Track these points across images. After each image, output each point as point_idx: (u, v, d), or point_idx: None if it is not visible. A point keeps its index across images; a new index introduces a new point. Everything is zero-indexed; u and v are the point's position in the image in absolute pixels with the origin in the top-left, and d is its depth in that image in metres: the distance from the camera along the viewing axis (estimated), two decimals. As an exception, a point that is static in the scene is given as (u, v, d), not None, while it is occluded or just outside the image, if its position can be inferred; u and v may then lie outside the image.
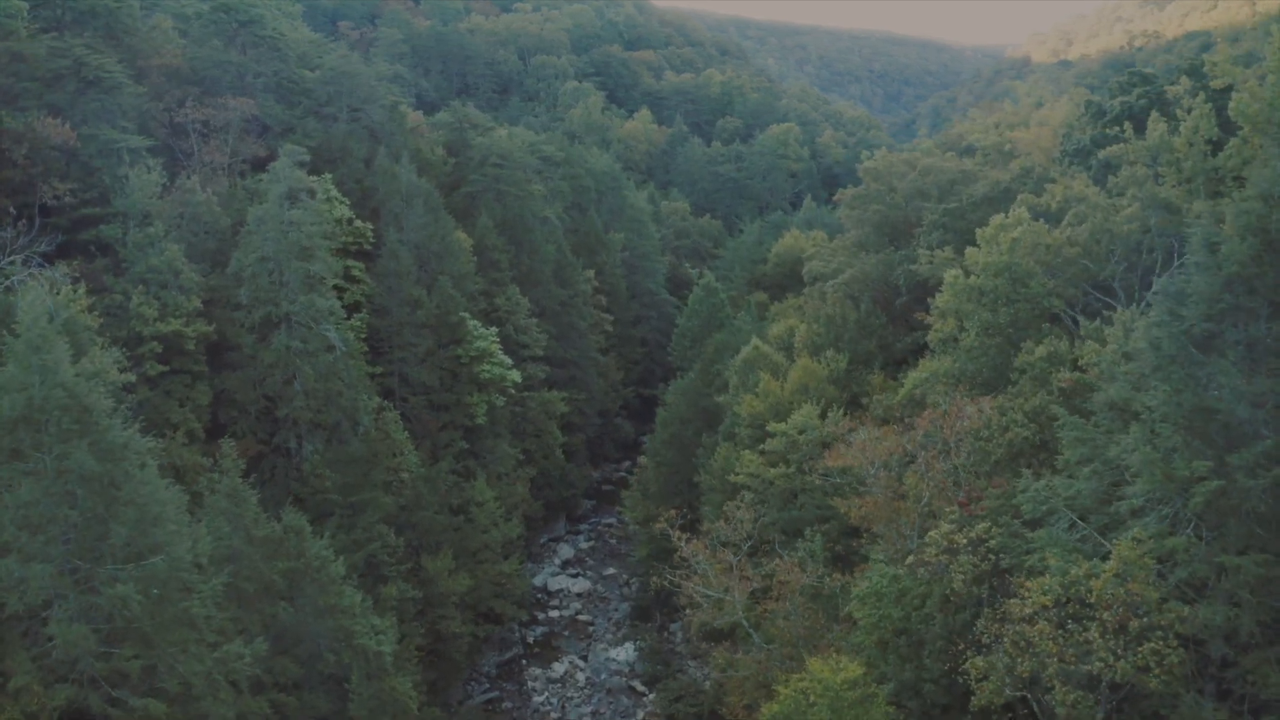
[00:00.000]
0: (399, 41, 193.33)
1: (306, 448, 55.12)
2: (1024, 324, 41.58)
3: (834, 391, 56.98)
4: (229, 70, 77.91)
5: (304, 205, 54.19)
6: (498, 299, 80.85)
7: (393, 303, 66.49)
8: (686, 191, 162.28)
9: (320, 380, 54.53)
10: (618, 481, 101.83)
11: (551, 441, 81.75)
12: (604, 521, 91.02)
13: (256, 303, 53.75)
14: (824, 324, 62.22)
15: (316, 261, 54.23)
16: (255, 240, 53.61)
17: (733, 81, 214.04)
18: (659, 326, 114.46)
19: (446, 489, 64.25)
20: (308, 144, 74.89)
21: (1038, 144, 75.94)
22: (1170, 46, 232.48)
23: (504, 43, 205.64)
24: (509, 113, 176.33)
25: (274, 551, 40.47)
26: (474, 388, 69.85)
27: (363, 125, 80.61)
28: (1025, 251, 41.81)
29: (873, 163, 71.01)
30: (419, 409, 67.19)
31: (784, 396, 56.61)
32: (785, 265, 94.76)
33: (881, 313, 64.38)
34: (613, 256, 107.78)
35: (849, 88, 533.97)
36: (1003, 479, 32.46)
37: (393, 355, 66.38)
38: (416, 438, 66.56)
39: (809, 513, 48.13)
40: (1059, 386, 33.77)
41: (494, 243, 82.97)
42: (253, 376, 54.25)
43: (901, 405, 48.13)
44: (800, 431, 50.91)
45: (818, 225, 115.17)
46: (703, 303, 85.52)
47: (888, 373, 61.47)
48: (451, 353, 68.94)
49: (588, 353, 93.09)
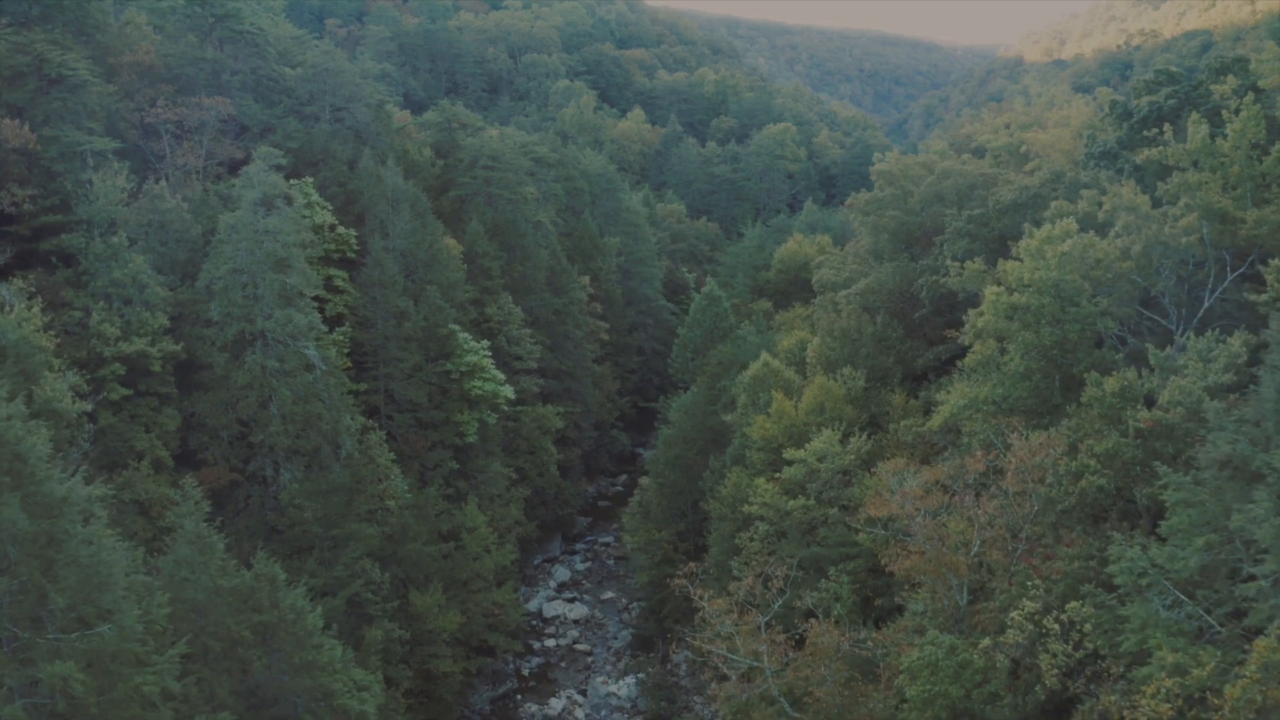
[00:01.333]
0: (387, 39, 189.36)
1: (284, 475, 50.94)
2: (1072, 346, 37.74)
3: (852, 412, 53.08)
4: (204, 68, 73.54)
5: (280, 212, 50.02)
6: (489, 309, 76.74)
7: (378, 315, 62.34)
8: (681, 193, 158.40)
9: (298, 402, 50.35)
10: (614, 497, 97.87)
11: (546, 459, 77.67)
12: (601, 540, 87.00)
13: (228, 319, 49.55)
14: (839, 338, 58.29)
15: (293, 273, 50.06)
16: (227, 251, 49.41)
17: (727, 80, 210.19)
18: (656, 334, 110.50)
19: (435, 514, 60.19)
20: (288, 145, 70.75)
21: (1057, 145, 72.21)
22: (1169, 45, 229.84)
23: (494, 41, 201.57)
24: (499, 112, 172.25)
25: (244, 603, 36.32)
26: (464, 405, 65.74)
27: (346, 126, 76.35)
28: (1074, 266, 37.98)
29: (885, 165, 67.10)
30: (406, 428, 63.08)
31: (798, 418, 52.69)
32: (789, 271, 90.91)
33: (899, 325, 60.50)
34: (608, 262, 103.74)
35: (839, 87, 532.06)
36: (1075, 535, 28.58)
37: (378, 371, 62.25)
38: (403, 459, 62.46)
39: (832, 550, 44.22)
40: (1136, 427, 29.83)
41: (485, 249, 78.85)
42: (225, 399, 50.04)
43: (934, 433, 44.24)
44: (820, 459, 46.99)
45: (820, 229, 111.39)
46: (705, 312, 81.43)
47: (907, 390, 57.63)
48: (440, 368, 64.81)
49: (583, 363, 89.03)
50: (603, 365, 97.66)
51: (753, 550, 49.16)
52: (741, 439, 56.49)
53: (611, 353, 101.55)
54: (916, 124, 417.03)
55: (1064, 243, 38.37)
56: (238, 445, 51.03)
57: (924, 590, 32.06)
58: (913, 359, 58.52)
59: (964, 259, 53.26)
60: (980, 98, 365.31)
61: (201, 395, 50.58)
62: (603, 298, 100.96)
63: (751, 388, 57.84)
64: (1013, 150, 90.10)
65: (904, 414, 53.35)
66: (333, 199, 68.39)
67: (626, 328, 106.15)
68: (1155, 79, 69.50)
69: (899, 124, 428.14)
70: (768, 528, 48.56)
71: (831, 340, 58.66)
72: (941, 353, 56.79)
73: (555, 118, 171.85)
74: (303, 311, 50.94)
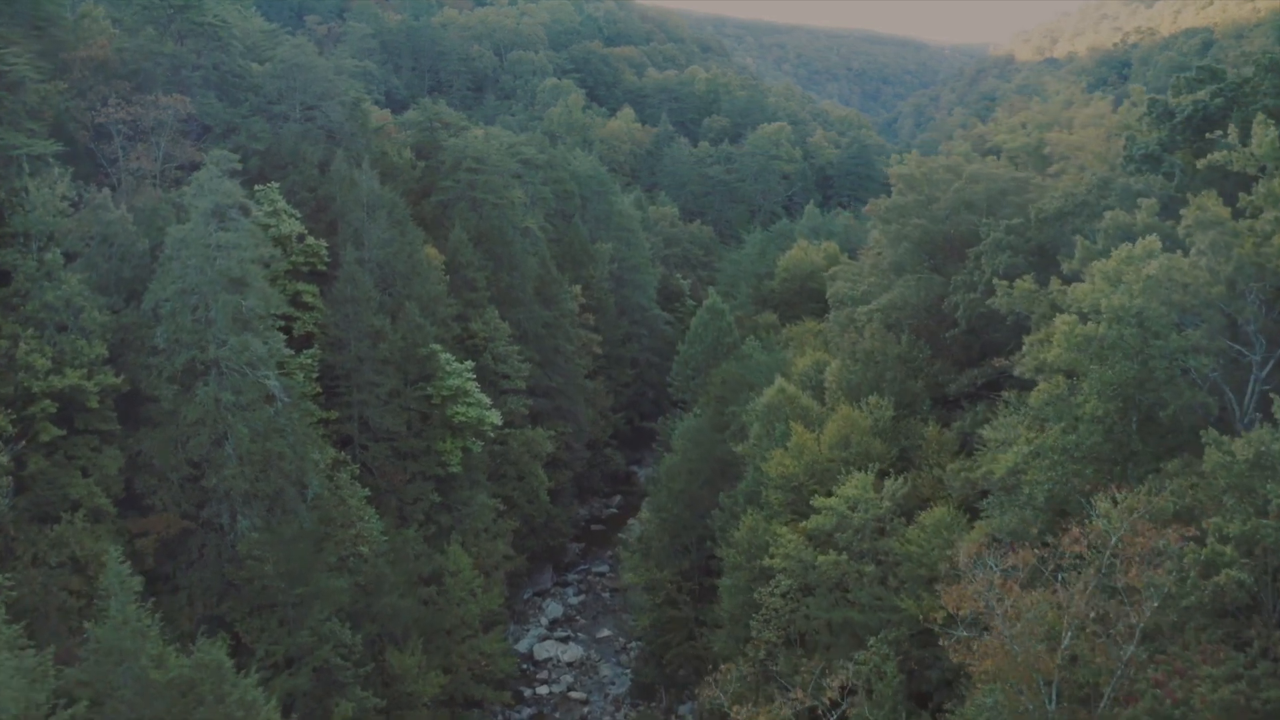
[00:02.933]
0: (368, 36, 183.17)
1: (242, 523, 44.99)
2: (1156, 386, 32.24)
3: (881, 447, 47.49)
4: (163, 63, 67.58)
5: (235, 224, 44.07)
6: (474, 323, 70.86)
7: (350, 334, 56.43)
8: (674, 195, 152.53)
9: (257, 440, 44.42)
10: (608, 520, 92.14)
11: (536, 485, 71.83)
12: (595, 570, 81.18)
13: (176, 346, 43.60)
14: (861, 361, 52.63)
15: (251, 293, 44.12)
16: (174, 269, 43.47)
17: (719, 79, 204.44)
18: (651, 345, 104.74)
19: (415, 557, 54.38)
20: (253, 147, 64.90)
21: (1088, 147, 66.69)
22: (1168, 43, 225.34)
23: (479, 38, 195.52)
24: (484, 111, 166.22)
25: (184, 697, 30.44)
26: (447, 432, 59.92)
27: (318, 125, 70.32)
28: (1159, 292, 32.48)
29: (906, 169, 61.49)
30: (382, 460, 57.17)
31: (821, 453, 47.06)
32: (795, 281, 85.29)
33: (925, 345, 54.91)
34: (600, 269, 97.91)
35: (827, 86, 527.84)
36: (1214, 645, 23.10)
37: (351, 397, 56.33)
38: (379, 495, 56.62)
39: (870, 615, 38.59)
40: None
41: (469, 259, 72.94)
42: (174, 436, 44.08)
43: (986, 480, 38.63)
44: (852, 507, 41.33)
45: (823, 234, 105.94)
46: (707, 327, 75.54)
47: (939, 418, 52.11)
48: (420, 392, 58.97)
49: (575, 379, 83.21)
50: (595, 380, 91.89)
51: (773, 606, 43.53)
52: (755, 474, 50.79)
53: (604, 365, 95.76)
54: (907, 123, 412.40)
55: (1148, 263, 32.87)
56: (190, 488, 45.08)
57: (998, 687, 26.54)
58: (944, 384, 52.93)
59: (1006, 274, 47.73)
60: (972, 96, 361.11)
61: (148, 432, 44.65)
62: (595, 307, 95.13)
63: (766, 416, 52.17)
64: (1032, 151, 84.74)
65: (938, 448, 47.77)
66: (302, 206, 62.50)
67: (620, 339, 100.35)
68: (1197, 76, 64.09)
69: (889, 123, 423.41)
70: (791, 582, 42.88)
71: (853, 363, 53.03)
72: (977, 377, 51.20)
73: (542, 117, 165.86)
74: (261, 336, 45.00)
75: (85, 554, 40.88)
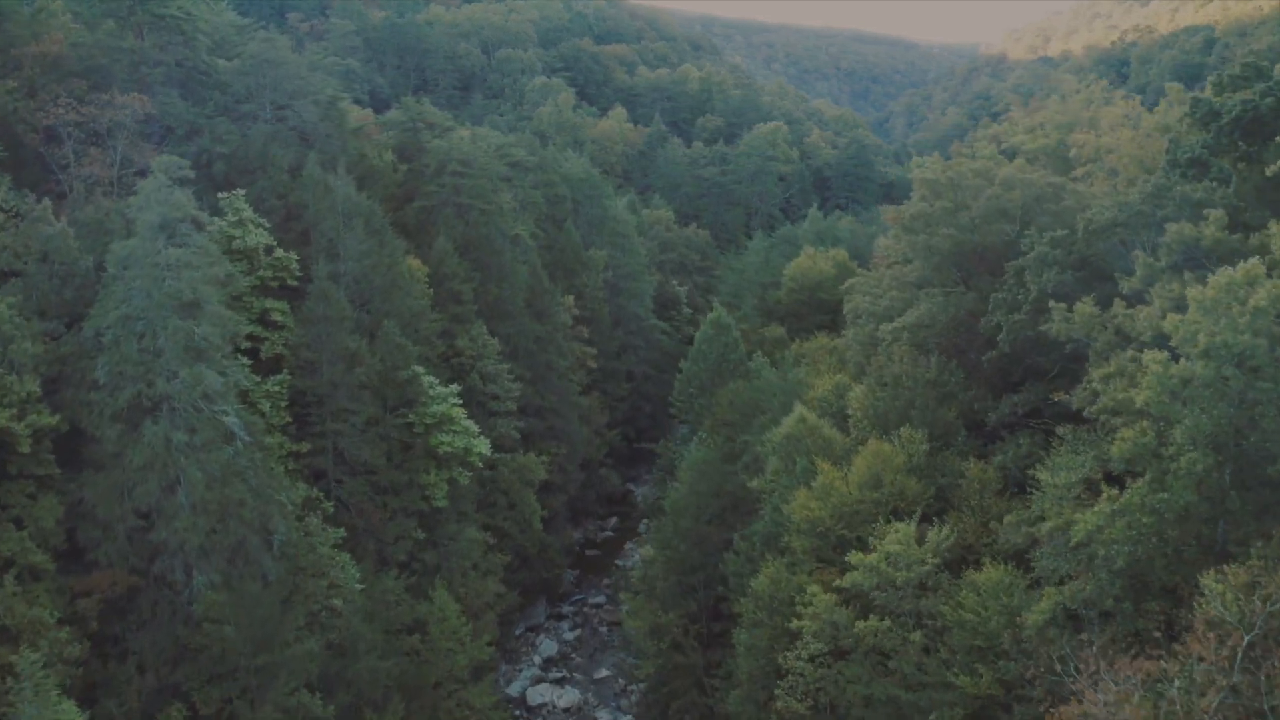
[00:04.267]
0: (351, 33, 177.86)
1: (198, 579, 39.72)
2: (1266, 436, 27.37)
3: (916, 486, 42.52)
4: (122, 59, 62.27)
5: (188, 240, 38.78)
6: (460, 340, 65.66)
7: (323, 357, 51.11)
8: (668, 197, 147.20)
9: (214, 486, 39.14)
10: (604, 544, 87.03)
11: (529, 513, 66.63)
12: (591, 601, 75.93)
13: (120, 380, 38.29)
14: (889, 387, 47.59)
15: (205, 318, 38.85)
16: (118, 291, 38.18)
17: (712, 77, 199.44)
18: (648, 357, 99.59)
19: (395, 603, 49.21)
20: (218, 150, 59.55)
21: (1120, 149, 61.83)
22: (1169, 41, 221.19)
23: (466, 35, 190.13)
24: (471, 111, 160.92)
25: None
26: (431, 463, 54.69)
27: (290, 126, 64.93)
28: (1266, 325, 27.58)
29: (929, 172, 56.49)
30: (359, 496, 51.88)
31: (850, 493, 42.02)
32: (802, 291, 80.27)
33: (957, 368, 49.91)
34: (594, 278, 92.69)
35: (816, 85, 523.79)
36: None
37: (324, 427, 51.01)
38: (356, 534, 51.42)
39: (919, 693, 33.58)
40: None
41: (454, 269, 67.69)
42: (119, 482, 38.78)
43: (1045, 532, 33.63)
44: (893, 564, 36.30)
45: (828, 239, 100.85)
46: (712, 343, 70.26)
47: (974, 450, 47.18)
48: (401, 420, 53.74)
49: (568, 396, 77.98)
50: (589, 395, 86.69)
51: (799, 671, 38.49)
52: (774, 514, 45.74)
53: (599, 379, 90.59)
54: (899, 123, 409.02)
55: (1256, 292, 27.98)
56: (139, 540, 39.77)
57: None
58: (980, 412, 47.90)
59: (1055, 293, 42.78)
60: (965, 96, 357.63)
61: (91, 477, 39.36)
62: (588, 318, 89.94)
63: (784, 448, 47.14)
64: (1051, 152, 79.96)
65: (980, 487, 42.78)
66: (271, 214, 57.16)
67: (615, 351, 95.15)
68: (1242, 73, 59.38)
69: (880, 122, 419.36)
70: (821, 645, 37.83)
71: (880, 389, 47.99)
72: (1019, 404, 46.16)
73: (531, 117, 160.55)
74: (218, 367, 39.71)
75: (18, 621, 35.68)
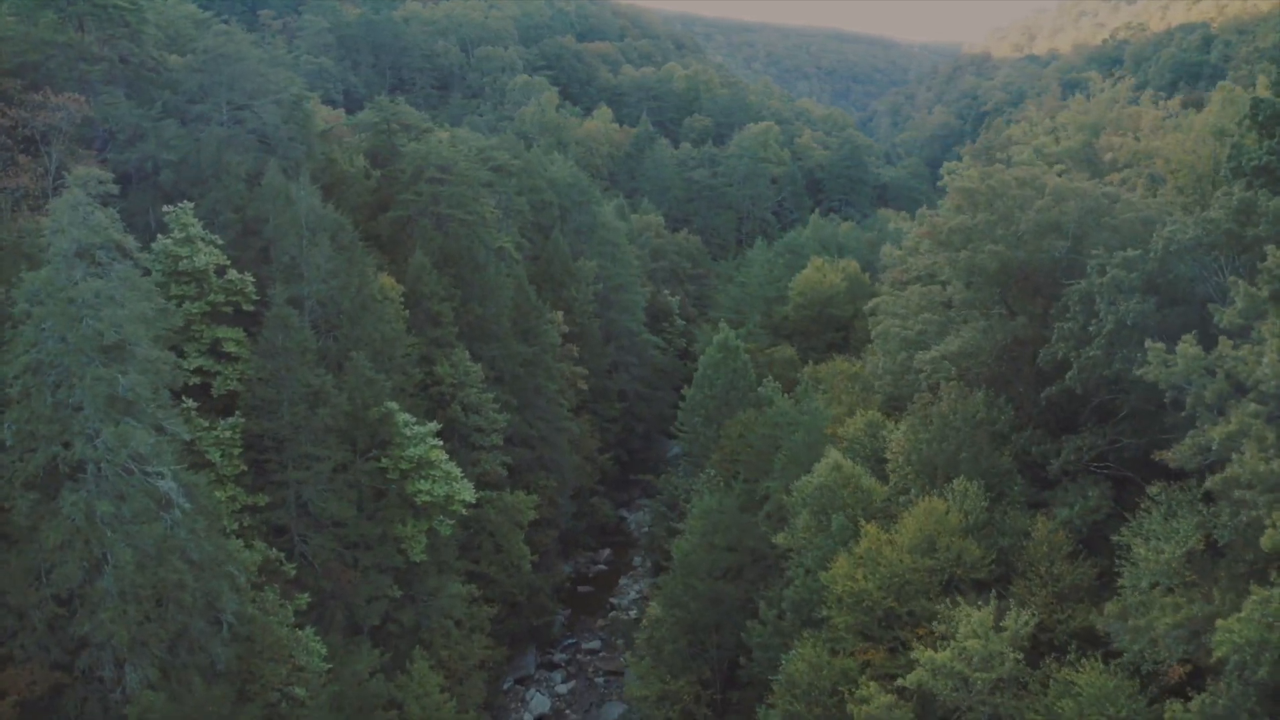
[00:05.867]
0: (325, 31, 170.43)
1: (130, 677, 33.08)
2: None
3: (976, 551, 36.42)
4: (59, 55, 55.51)
5: (109, 270, 32.16)
6: (440, 367, 59.13)
7: (283, 395, 44.50)
8: (656, 201, 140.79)
9: (147, 566, 32.57)
10: (597, 579, 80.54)
11: (518, 557, 60.20)
12: (585, 647, 69.45)
13: (31, 440, 31.62)
14: (937, 429, 41.39)
15: (134, 365, 32.21)
16: (27, 334, 31.50)
17: (698, 76, 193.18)
18: (640, 374, 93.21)
19: (370, 677, 42.72)
20: (164, 157, 52.76)
21: (1176, 155, 55.87)
22: (1165, 39, 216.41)
23: (444, 33, 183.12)
24: (450, 111, 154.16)
25: None
26: (408, 513, 48.17)
27: (249, 129, 58.22)
28: None
29: (968, 181, 50.34)
30: (326, 553, 45.30)
31: (898, 561, 35.82)
32: (812, 306, 74.20)
33: (1008, 405, 43.81)
34: (584, 291, 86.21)
35: (797, 85, 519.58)
36: None
37: (285, 475, 44.42)
38: (322, 598, 44.91)
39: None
40: None
41: (433, 288, 61.14)
42: (34, 563, 32.13)
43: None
44: (967, 660, 30.11)
45: (833, 247, 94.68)
46: (720, 368, 63.70)
47: (1029, 499, 41.15)
48: (373, 464, 47.20)
49: (558, 422, 71.43)
50: (579, 417, 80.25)
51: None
52: (807, 580, 39.45)
53: (589, 400, 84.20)
54: (883, 122, 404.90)
55: None
56: (61, 630, 33.12)
57: None
58: (1037, 456, 41.77)
59: (1134, 324, 36.72)
60: (951, 94, 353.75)
61: (1, 554, 32.71)
62: (578, 334, 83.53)
63: (817, 501, 40.88)
64: (1078, 155, 74.16)
65: (1049, 550, 36.65)
66: (225, 229, 50.51)
67: (606, 368, 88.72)
68: (1305, 69, 53.55)
69: (863, 122, 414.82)
70: (877, 753, 31.67)
71: (926, 433, 41.77)
72: (1085, 448, 40.07)
73: (513, 117, 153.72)
74: (150, 421, 33.08)
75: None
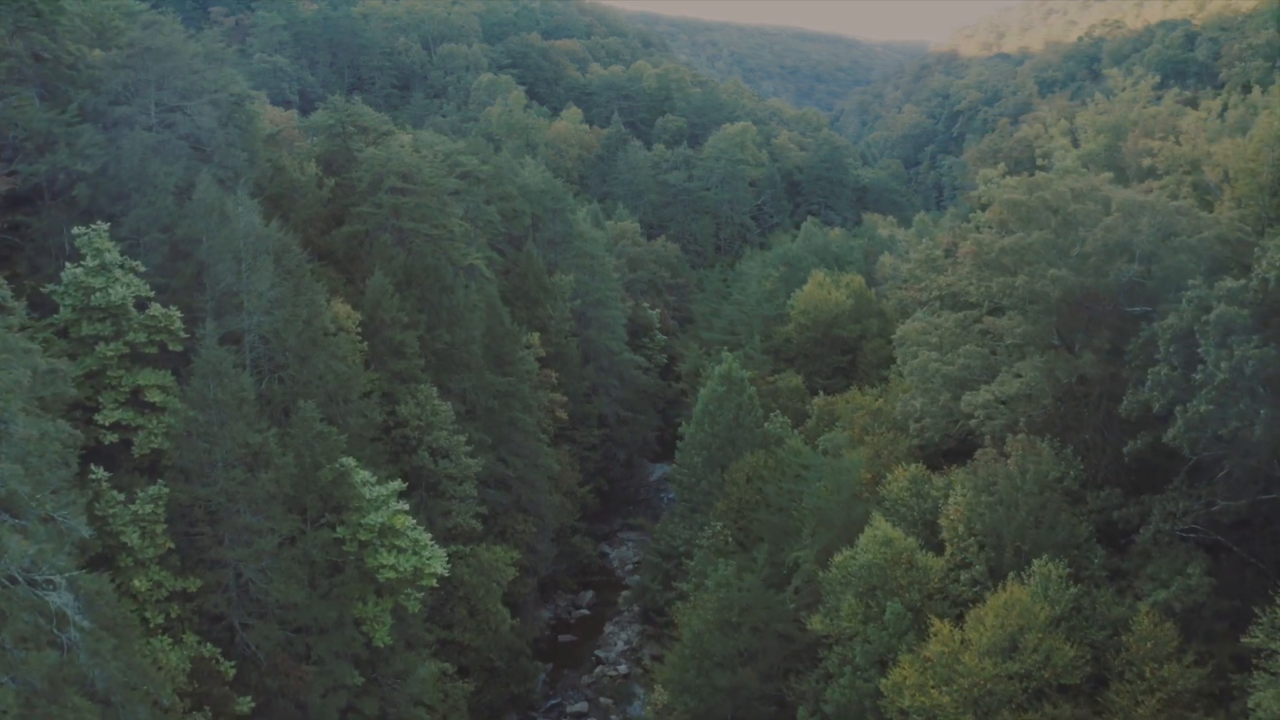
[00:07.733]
0: (279, 28, 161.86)
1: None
2: None
3: (1069, 651, 29.63)
4: (-46, 48, 47.56)
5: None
6: (404, 406, 51.70)
7: (217, 455, 36.97)
8: (630, 206, 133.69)
9: (36, 704, 25.00)
10: (579, 625, 73.31)
11: (496, 621, 52.97)
12: (570, 710, 62.17)
13: None
14: (1004, 492, 34.67)
15: (9, 448, 24.65)
16: None
17: (670, 74, 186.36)
18: (621, 397, 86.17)
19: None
20: (78, 168, 44.89)
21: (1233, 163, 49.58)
22: (1146, 37, 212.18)
23: (405, 29, 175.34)
24: (411, 111, 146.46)
25: None
26: (369, 588, 40.76)
27: (180, 134, 50.44)
28: None
29: (1020, 194, 43.68)
30: (271, 645, 37.78)
31: (978, 667, 28.98)
32: (816, 327, 67.43)
33: (1077, 459, 37.24)
34: (560, 309, 79.04)
35: (761, 84, 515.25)
36: None
37: (220, 553, 36.89)
38: (269, 698, 37.38)
39: None
40: None
41: (394, 314, 53.67)
42: None
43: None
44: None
45: (827, 257, 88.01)
46: (723, 404, 56.38)
47: (1106, 566, 34.59)
48: (326, 535, 39.76)
49: (536, 459, 64.12)
50: (558, 448, 72.98)
51: None
52: (854, 679, 32.53)
53: (567, 428, 76.99)
54: (852, 121, 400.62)
55: None
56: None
57: None
58: (1122, 523, 35.17)
59: (1253, 371, 30.17)
60: (921, 93, 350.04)
61: None
62: (555, 355, 76.38)
63: (864, 581, 33.97)
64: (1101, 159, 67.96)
65: (1153, 646, 29.96)
66: (151, 252, 42.85)
67: (585, 392, 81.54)
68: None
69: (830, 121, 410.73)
70: None
71: (989, 496, 34.98)
72: (1178, 514, 33.52)
73: (478, 118, 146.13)
74: (39, 513, 25.53)
75: None
